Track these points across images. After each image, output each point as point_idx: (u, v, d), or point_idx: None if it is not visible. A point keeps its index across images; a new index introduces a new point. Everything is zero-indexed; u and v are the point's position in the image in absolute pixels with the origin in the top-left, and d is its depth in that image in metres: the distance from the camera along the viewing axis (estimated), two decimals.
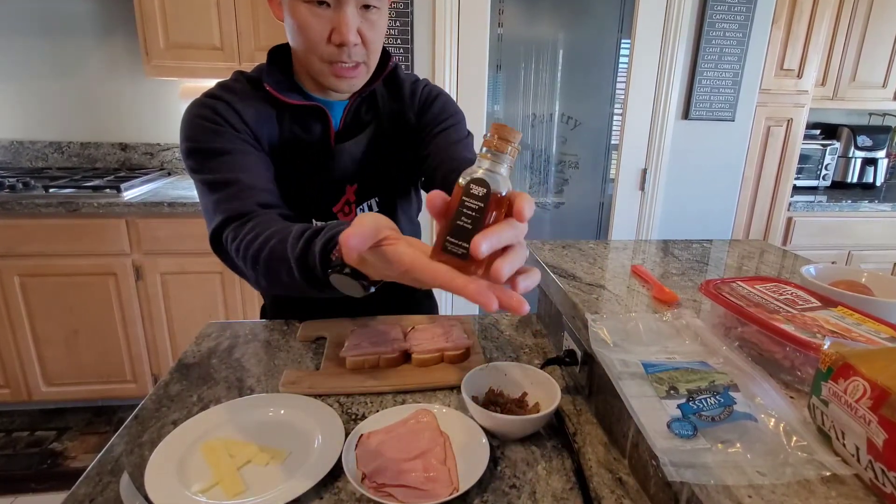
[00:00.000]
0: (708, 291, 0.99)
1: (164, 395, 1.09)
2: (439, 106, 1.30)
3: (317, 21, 1.03)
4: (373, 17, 1.07)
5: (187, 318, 2.88)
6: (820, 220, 3.44)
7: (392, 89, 1.29)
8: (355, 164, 1.25)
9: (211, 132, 1.08)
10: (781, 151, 3.29)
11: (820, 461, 0.65)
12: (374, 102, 1.27)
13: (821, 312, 0.89)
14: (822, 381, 0.67)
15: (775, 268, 1.40)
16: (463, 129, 1.30)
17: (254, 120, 1.14)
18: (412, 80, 1.32)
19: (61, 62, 3.26)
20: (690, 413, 0.73)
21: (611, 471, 0.89)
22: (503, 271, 0.56)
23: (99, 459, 0.90)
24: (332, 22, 1.03)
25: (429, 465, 0.85)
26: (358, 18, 1.04)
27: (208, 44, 2.88)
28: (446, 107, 1.31)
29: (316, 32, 1.04)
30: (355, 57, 1.08)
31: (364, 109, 1.27)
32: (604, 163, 3.28)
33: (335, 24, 1.03)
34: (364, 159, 1.26)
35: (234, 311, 2.90)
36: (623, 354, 0.90)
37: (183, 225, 2.67)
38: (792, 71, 3.17)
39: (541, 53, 3.06)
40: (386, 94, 1.28)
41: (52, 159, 3.38)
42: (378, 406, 1.05)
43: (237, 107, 1.12)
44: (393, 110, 1.28)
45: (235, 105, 1.12)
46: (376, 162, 1.28)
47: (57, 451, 2.76)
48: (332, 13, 1.03)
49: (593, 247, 1.53)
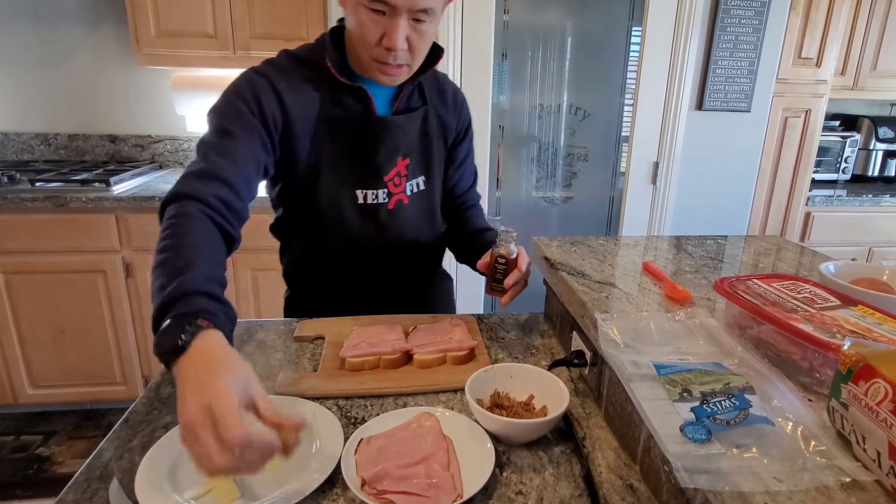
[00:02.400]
0: (722, 290, 0.99)
1: (156, 397, 1.09)
2: (470, 136, 1.57)
3: (373, 24, 1.16)
4: (422, 28, 1.18)
5: None
6: (839, 216, 3.44)
7: (434, 85, 1.46)
8: (407, 137, 1.39)
9: (234, 112, 1.19)
10: (799, 144, 3.28)
11: (839, 467, 0.65)
12: (421, 91, 1.43)
13: (840, 311, 0.89)
14: (842, 383, 0.67)
15: (793, 265, 1.39)
16: (475, 166, 1.63)
17: (293, 101, 1.25)
18: (452, 87, 1.51)
19: (48, 50, 3.26)
20: (704, 416, 0.73)
21: (621, 477, 0.89)
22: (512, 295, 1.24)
23: (87, 465, 0.90)
24: (385, 28, 1.16)
25: (431, 470, 0.85)
26: (408, 28, 1.16)
27: (201, 31, 2.88)
28: (472, 138, 1.58)
29: (370, 34, 1.17)
30: (400, 60, 1.21)
31: (416, 96, 1.42)
32: (614, 155, 3.28)
33: (387, 31, 1.16)
34: (415, 138, 1.41)
35: None
36: (634, 355, 0.90)
37: None
38: (810, 59, 3.16)
39: (548, 41, 3.05)
40: (429, 85, 1.44)
41: (38, 152, 3.39)
42: (378, 409, 1.06)
43: (279, 87, 1.23)
44: (437, 107, 1.45)
45: (278, 85, 1.23)
46: (424, 143, 1.44)
47: (43, 457, 2.76)
48: (387, 20, 1.15)
49: (603, 243, 1.53)
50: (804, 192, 3.35)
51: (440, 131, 1.47)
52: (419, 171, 1.44)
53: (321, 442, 0.93)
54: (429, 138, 1.44)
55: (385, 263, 1.46)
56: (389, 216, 1.41)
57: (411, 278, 1.55)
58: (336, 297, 1.49)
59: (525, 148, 3.21)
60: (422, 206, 1.47)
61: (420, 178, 1.45)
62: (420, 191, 1.45)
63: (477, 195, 1.64)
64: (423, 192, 1.46)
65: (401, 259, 1.47)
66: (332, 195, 1.35)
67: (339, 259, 1.43)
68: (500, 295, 1.27)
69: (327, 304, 1.47)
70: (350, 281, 1.48)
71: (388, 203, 1.40)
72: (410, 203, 1.44)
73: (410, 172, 1.42)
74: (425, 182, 1.46)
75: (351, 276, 1.46)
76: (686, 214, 3.23)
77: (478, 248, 1.44)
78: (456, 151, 1.53)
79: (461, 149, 1.54)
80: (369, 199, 1.37)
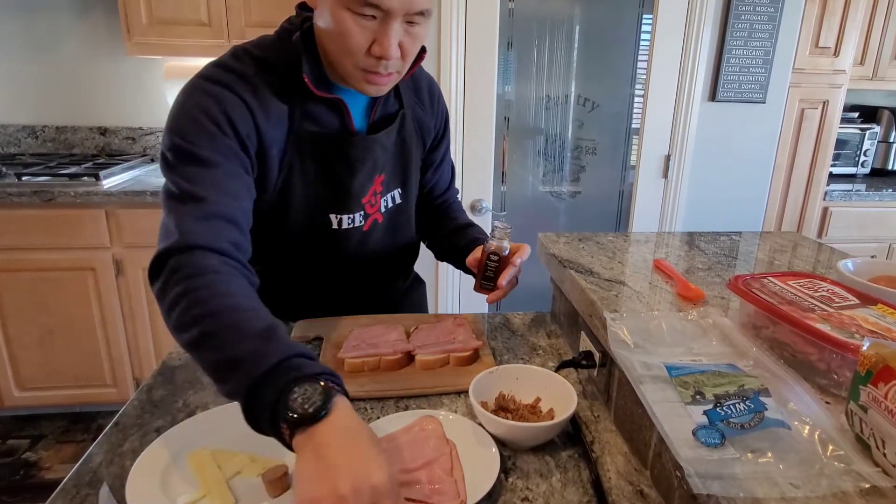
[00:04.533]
0: (737, 288, 0.99)
1: (147, 400, 1.10)
2: (449, 133, 1.50)
3: (360, 31, 1.03)
4: (416, 31, 1.08)
5: None
6: (858, 211, 3.43)
7: (409, 83, 1.35)
8: (386, 153, 1.30)
9: (206, 136, 1.04)
10: (816, 136, 3.28)
11: (858, 472, 0.65)
12: (397, 92, 1.32)
13: (859, 311, 0.89)
14: (861, 384, 0.67)
15: (810, 262, 1.39)
16: (451, 160, 1.57)
17: (264, 118, 1.12)
18: (426, 79, 1.41)
19: (35, 39, 3.26)
20: (718, 420, 0.73)
21: (631, 483, 0.89)
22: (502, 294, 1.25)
23: (76, 470, 0.90)
24: (374, 34, 1.04)
25: (434, 476, 0.85)
26: (401, 32, 1.05)
27: (195, 19, 2.88)
28: (449, 133, 1.50)
29: (357, 42, 1.04)
30: (391, 68, 1.09)
31: (391, 101, 1.32)
32: (624, 148, 3.27)
33: (378, 37, 1.04)
34: (392, 149, 1.32)
35: None
36: (645, 356, 0.90)
37: None
38: (828, 49, 3.15)
39: (555, 29, 3.05)
40: (404, 85, 1.33)
41: (25, 144, 3.39)
42: (379, 412, 1.06)
43: (250, 102, 1.10)
44: (414, 109, 1.37)
45: (246, 98, 1.09)
46: (401, 152, 1.35)
47: (31, 462, 2.77)
48: (377, 25, 1.03)
49: (612, 239, 1.53)
50: (821, 186, 3.34)
51: (418, 135, 1.38)
52: (394, 183, 1.37)
53: None
54: (406, 146, 1.35)
55: (355, 278, 1.40)
56: (363, 238, 1.34)
57: (383, 288, 1.50)
58: (305, 307, 1.42)
59: (531, 141, 3.21)
60: (397, 220, 1.41)
61: (395, 191, 1.38)
62: (395, 205, 1.39)
63: (455, 190, 1.61)
64: (398, 205, 1.40)
65: (371, 273, 1.42)
66: (303, 219, 1.25)
67: (306, 275, 1.37)
68: (489, 293, 1.27)
69: (298, 313, 1.41)
70: (317, 294, 1.42)
71: (363, 226, 1.32)
72: (385, 220, 1.37)
73: (385, 188, 1.34)
74: (401, 195, 1.39)
75: (318, 289, 1.40)
76: (699, 210, 3.23)
77: (462, 245, 1.41)
78: (434, 154, 1.47)
79: (440, 149, 1.48)
80: (344, 224, 1.29)
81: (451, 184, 1.59)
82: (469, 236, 1.42)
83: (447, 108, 1.49)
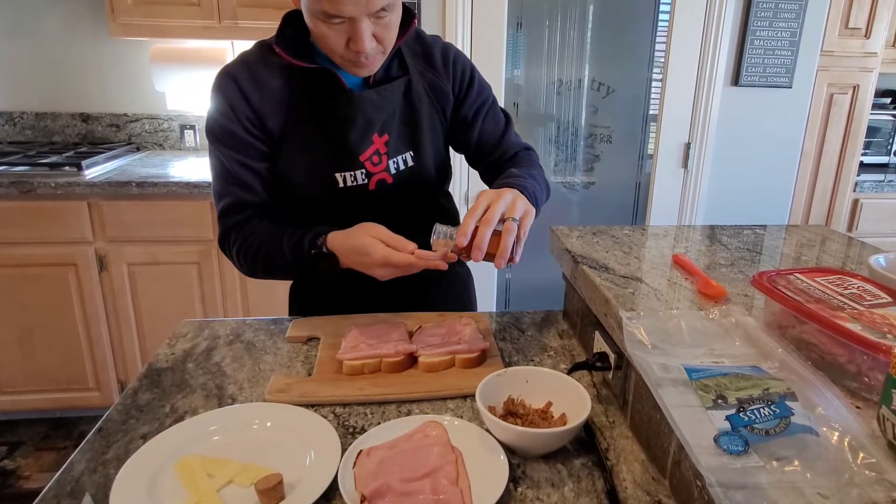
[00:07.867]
0: (761, 285, 0.99)
1: (133, 404, 1.10)
2: (477, 87, 1.53)
3: (334, 34, 1.20)
4: (386, 21, 1.22)
5: (159, 315, 2.90)
6: (891, 203, 3.42)
7: (419, 50, 1.47)
8: (383, 114, 1.39)
9: (225, 118, 1.32)
10: (846, 123, 3.27)
11: (890, 481, 0.65)
12: (402, 60, 1.43)
13: (892, 309, 0.89)
14: (894, 388, 0.67)
15: (839, 258, 1.39)
16: (499, 113, 1.59)
17: (259, 101, 1.33)
18: (440, 45, 1.50)
19: (12, 21, 3.26)
20: (741, 426, 0.73)
21: (649, 492, 0.89)
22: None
23: (57, 479, 0.91)
24: (348, 33, 1.20)
25: (438, 485, 0.85)
26: (371, 27, 1.20)
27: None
28: (482, 87, 1.54)
29: (334, 43, 1.21)
30: (372, 56, 1.25)
31: (395, 66, 1.43)
32: (640, 136, 3.27)
33: (351, 36, 1.20)
34: (394, 112, 1.41)
35: (213, 308, 2.92)
36: (663, 358, 0.90)
37: (154, 208, 2.68)
38: (858, 30, 3.14)
39: (568, 9, 3.04)
40: (412, 52, 1.45)
41: (1, 132, 3.40)
42: (380, 417, 1.06)
43: (246, 89, 1.32)
44: (424, 74, 1.46)
45: (245, 87, 1.32)
46: (409, 117, 1.44)
47: (8, 470, 2.78)
48: (348, 27, 1.18)
49: (629, 233, 1.53)
50: (851, 176, 3.33)
51: (432, 100, 1.47)
52: (404, 146, 1.44)
53: (316, 454, 0.93)
54: (414, 110, 1.43)
55: None
56: (371, 197, 1.42)
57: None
58: (340, 290, 1.48)
59: (542, 128, 3.21)
60: (412, 184, 1.46)
61: (406, 153, 1.45)
62: (408, 167, 1.45)
63: (516, 142, 1.58)
64: (411, 168, 1.45)
65: None
66: (310, 182, 1.39)
67: None
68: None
69: (334, 297, 1.50)
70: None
71: (368, 184, 1.41)
72: (396, 182, 1.43)
73: (392, 149, 1.42)
74: (413, 158, 1.45)
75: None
76: (720, 202, 3.23)
77: None
78: (461, 111, 1.51)
79: (466, 105, 1.51)
80: (349, 182, 1.39)
81: (507, 133, 1.57)
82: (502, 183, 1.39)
83: (470, 63, 1.54)
